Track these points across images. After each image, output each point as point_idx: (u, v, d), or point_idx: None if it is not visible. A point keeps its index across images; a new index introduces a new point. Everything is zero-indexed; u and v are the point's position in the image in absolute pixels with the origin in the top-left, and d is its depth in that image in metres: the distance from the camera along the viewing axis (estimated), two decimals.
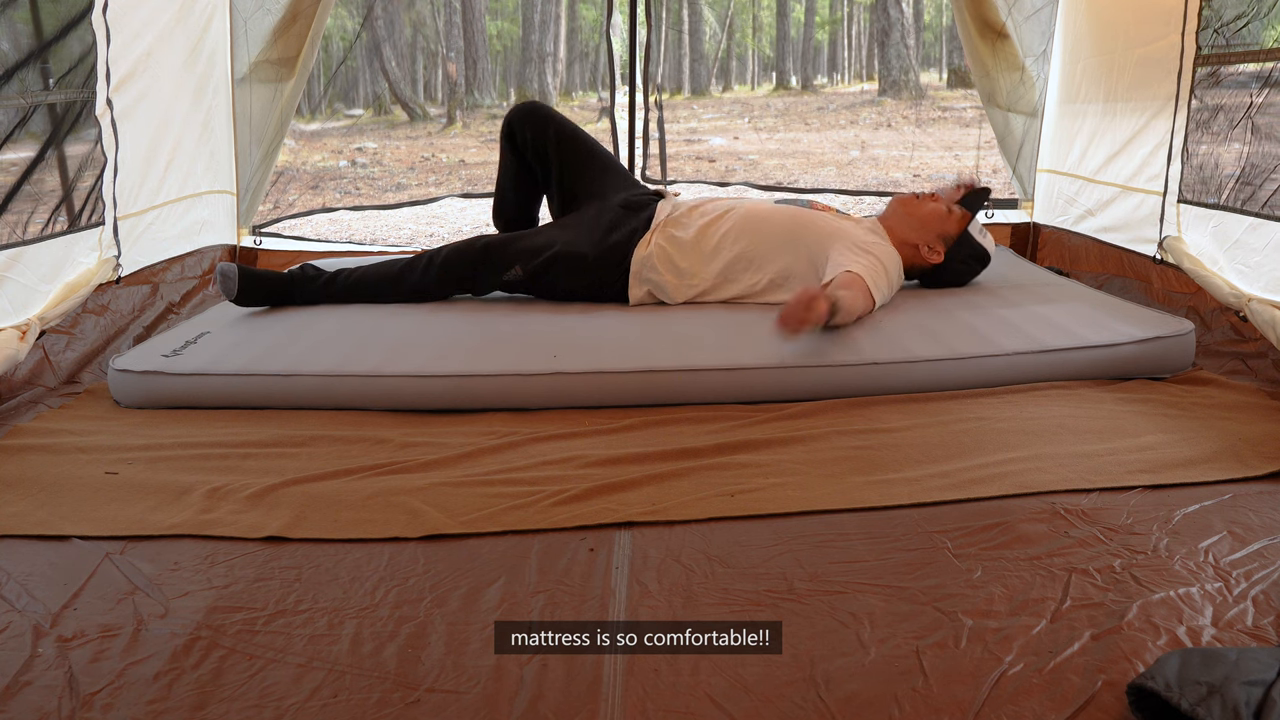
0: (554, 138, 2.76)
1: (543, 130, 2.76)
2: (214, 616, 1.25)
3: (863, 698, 1.08)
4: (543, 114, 2.80)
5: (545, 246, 2.57)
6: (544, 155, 2.77)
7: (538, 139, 2.76)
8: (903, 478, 1.65)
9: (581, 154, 2.79)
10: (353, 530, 1.49)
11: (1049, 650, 1.15)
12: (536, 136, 2.76)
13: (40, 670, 1.14)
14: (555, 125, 2.78)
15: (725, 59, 6.17)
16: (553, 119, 2.79)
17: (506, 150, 2.82)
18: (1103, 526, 1.47)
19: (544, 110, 2.83)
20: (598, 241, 2.56)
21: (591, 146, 2.84)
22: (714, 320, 2.40)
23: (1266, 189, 2.24)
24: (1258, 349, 2.21)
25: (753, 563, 1.38)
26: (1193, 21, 2.52)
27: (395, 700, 1.08)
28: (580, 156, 2.78)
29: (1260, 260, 2.24)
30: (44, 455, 1.78)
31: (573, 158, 2.77)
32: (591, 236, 2.58)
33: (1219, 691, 0.99)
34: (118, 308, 2.55)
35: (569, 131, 2.80)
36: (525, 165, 2.82)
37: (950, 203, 2.58)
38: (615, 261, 2.55)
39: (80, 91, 2.36)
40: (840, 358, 2.10)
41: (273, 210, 3.68)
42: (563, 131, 2.78)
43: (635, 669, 1.13)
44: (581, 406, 2.03)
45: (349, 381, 2.04)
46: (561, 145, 2.76)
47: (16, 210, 2.16)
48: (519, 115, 2.79)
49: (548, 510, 1.54)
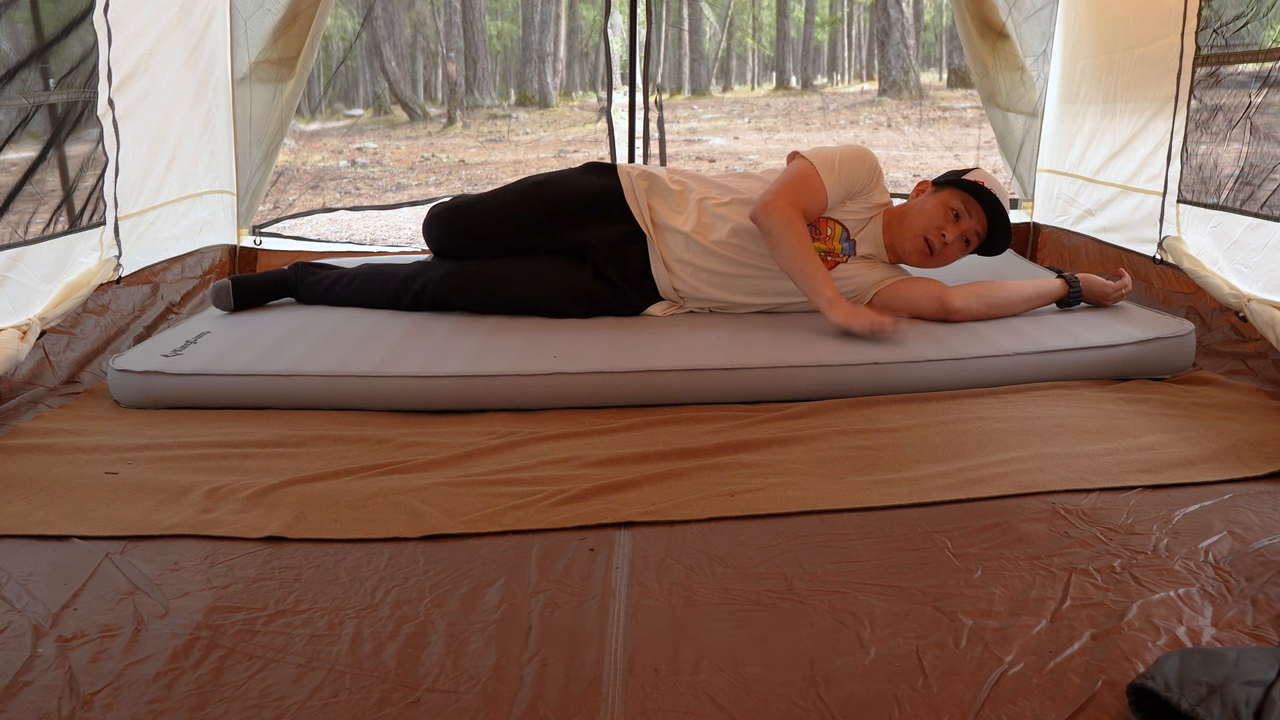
0: (485, 237, 2.51)
1: (459, 238, 2.52)
2: (214, 616, 1.25)
3: (863, 698, 1.08)
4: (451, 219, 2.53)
5: (543, 290, 2.45)
6: (482, 251, 2.52)
7: (468, 248, 2.52)
8: (903, 478, 1.65)
9: (518, 221, 2.49)
10: (353, 530, 1.49)
11: (1049, 650, 1.15)
12: (461, 247, 2.52)
13: (40, 670, 1.14)
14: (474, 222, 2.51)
15: (725, 59, 6.17)
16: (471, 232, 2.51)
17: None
18: (1103, 526, 1.47)
19: (450, 213, 2.54)
20: (591, 279, 2.45)
21: (520, 204, 2.51)
22: (714, 320, 2.41)
23: (1266, 189, 2.24)
24: (1258, 349, 2.21)
25: (753, 563, 1.38)
26: (1192, 21, 2.52)
27: (395, 700, 1.08)
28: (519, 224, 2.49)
29: (1260, 260, 2.24)
30: (44, 455, 1.78)
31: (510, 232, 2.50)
32: (586, 275, 2.45)
33: (1219, 691, 0.99)
34: (118, 308, 2.55)
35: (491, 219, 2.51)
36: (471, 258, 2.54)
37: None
38: (616, 288, 2.46)
39: (82, 92, 2.36)
40: (840, 358, 2.10)
41: (273, 210, 3.68)
42: (496, 243, 2.50)
43: (635, 669, 1.13)
44: (582, 406, 2.03)
45: (349, 382, 2.04)
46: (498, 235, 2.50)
47: (18, 210, 2.16)
48: (430, 233, 2.54)
49: (548, 510, 1.54)
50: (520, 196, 2.54)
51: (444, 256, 2.58)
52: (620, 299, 2.47)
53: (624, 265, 2.47)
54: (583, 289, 2.45)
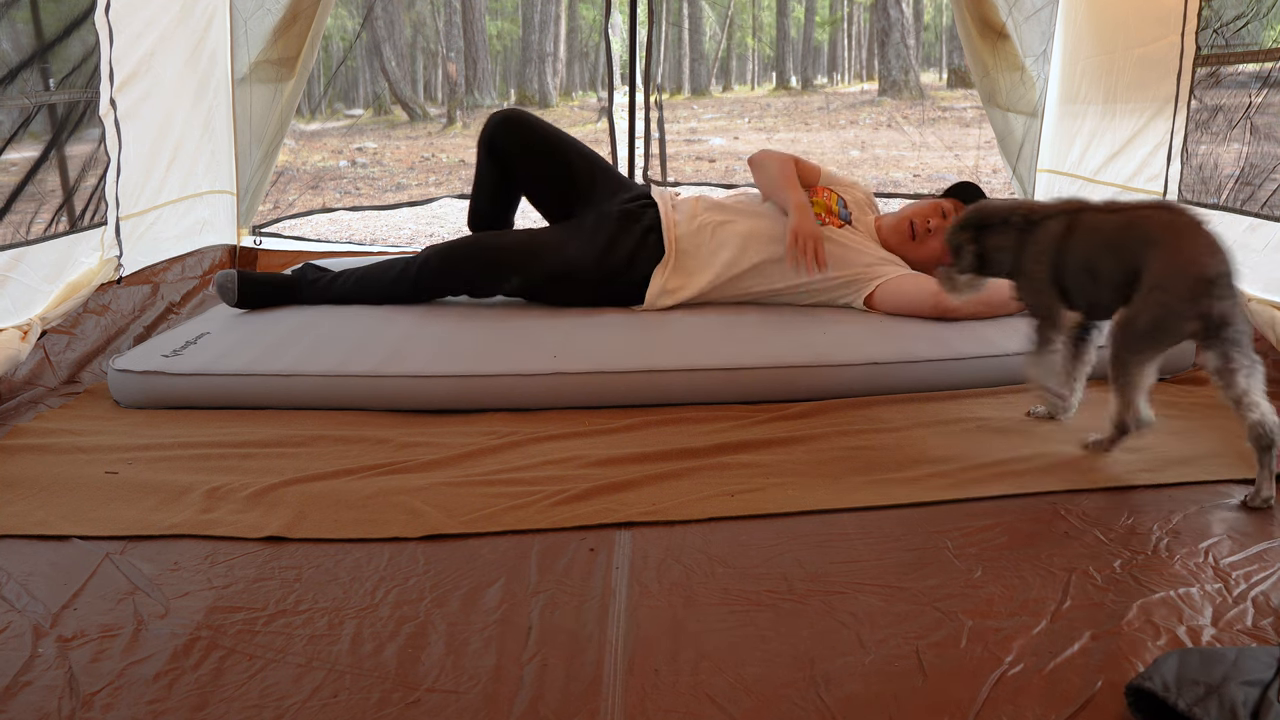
0: (540, 147, 2.70)
1: (527, 139, 2.69)
2: (214, 616, 1.25)
3: (863, 698, 1.08)
4: (526, 122, 2.73)
5: (545, 261, 2.52)
6: (530, 164, 2.70)
7: (524, 149, 2.69)
8: (903, 478, 1.65)
9: (570, 160, 2.73)
10: (353, 530, 1.49)
11: (1049, 650, 1.15)
12: (523, 146, 2.69)
13: (40, 670, 1.14)
14: (539, 133, 2.72)
15: (725, 59, 6.17)
16: (536, 126, 2.73)
17: (485, 159, 2.73)
18: (1103, 526, 1.47)
19: (526, 117, 2.76)
20: (599, 259, 2.51)
21: (579, 150, 2.78)
22: (714, 320, 2.41)
23: (1266, 189, 2.24)
24: (1258, 349, 2.20)
25: (753, 563, 1.38)
26: (1192, 21, 2.52)
27: (395, 700, 1.08)
28: (569, 162, 2.72)
29: (1260, 260, 2.24)
30: (44, 455, 1.78)
31: (562, 165, 2.71)
32: (593, 255, 2.52)
33: (1217, 692, 0.99)
34: (118, 308, 2.55)
35: (554, 139, 2.74)
36: (504, 174, 2.73)
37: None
38: (616, 276, 2.51)
39: (84, 92, 2.36)
40: (840, 358, 2.10)
41: (273, 210, 3.68)
42: (548, 139, 2.72)
43: (635, 669, 1.13)
44: (582, 406, 2.03)
45: (349, 382, 2.04)
46: (550, 153, 2.71)
47: (19, 211, 2.16)
48: (500, 124, 2.70)
49: (548, 510, 1.54)
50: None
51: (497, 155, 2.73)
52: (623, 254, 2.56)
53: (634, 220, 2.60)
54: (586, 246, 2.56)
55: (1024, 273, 1.79)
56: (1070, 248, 1.71)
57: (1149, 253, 1.60)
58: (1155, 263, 1.58)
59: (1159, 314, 1.58)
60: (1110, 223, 1.68)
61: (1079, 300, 1.75)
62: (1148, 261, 1.59)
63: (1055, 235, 1.73)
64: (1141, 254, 1.61)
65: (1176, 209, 1.67)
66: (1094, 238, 1.69)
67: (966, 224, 1.83)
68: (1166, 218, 1.63)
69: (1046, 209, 1.78)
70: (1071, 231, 1.71)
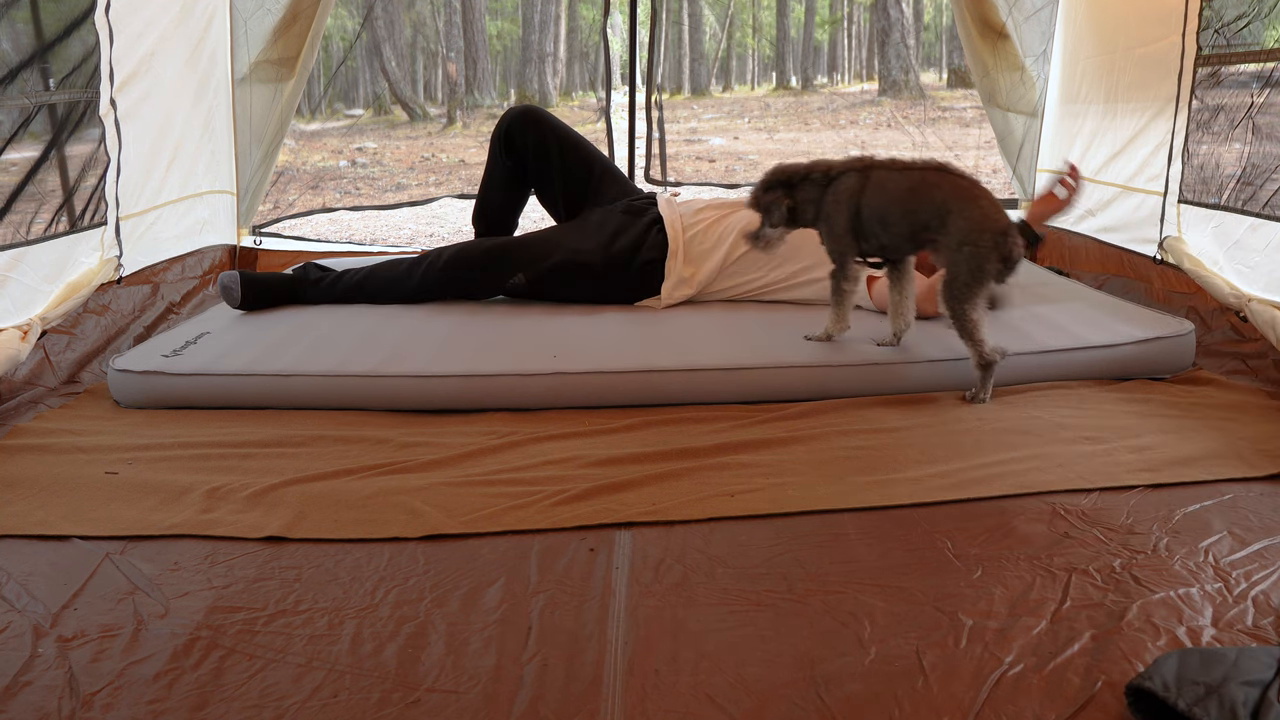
0: (556, 145, 2.75)
1: (544, 135, 2.75)
2: (214, 616, 1.25)
3: (863, 698, 1.08)
4: (543, 118, 2.78)
5: (551, 254, 2.56)
6: (545, 161, 2.76)
7: (539, 145, 2.74)
8: (903, 478, 1.65)
9: (583, 159, 2.78)
10: (353, 530, 1.49)
11: (1049, 650, 1.15)
12: (538, 142, 2.74)
13: (40, 670, 1.14)
14: (556, 132, 2.77)
15: (725, 58, 6.17)
16: (553, 125, 2.78)
17: (499, 154, 2.79)
18: (1103, 526, 1.47)
19: (543, 115, 2.81)
20: (604, 249, 2.55)
21: (591, 150, 2.84)
22: (714, 320, 2.41)
23: (1267, 189, 2.24)
24: (1258, 349, 2.21)
25: (753, 563, 1.38)
26: (1193, 22, 2.52)
27: (395, 700, 1.08)
28: (583, 162, 2.78)
29: (1260, 260, 2.24)
30: (44, 455, 1.78)
31: (575, 164, 2.76)
32: (598, 244, 2.57)
33: (1217, 692, 0.99)
34: (118, 308, 2.55)
35: (571, 138, 2.79)
36: (516, 170, 2.79)
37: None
38: (621, 268, 2.54)
39: (84, 92, 2.36)
40: (840, 358, 2.10)
41: (273, 210, 3.68)
42: (565, 138, 2.78)
43: (635, 669, 1.13)
44: (581, 406, 2.03)
45: (349, 382, 2.04)
46: (564, 152, 2.76)
47: (19, 211, 2.16)
48: (518, 119, 2.75)
49: (548, 510, 1.54)
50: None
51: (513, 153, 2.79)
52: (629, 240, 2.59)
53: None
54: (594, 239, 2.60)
55: (826, 220, 2.08)
56: (865, 200, 2.02)
57: (947, 214, 1.92)
58: (958, 222, 1.91)
59: (974, 264, 1.90)
60: (897, 181, 2.01)
61: (873, 243, 2.07)
62: (947, 223, 1.92)
63: (851, 189, 2.04)
64: (934, 215, 1.94)
65: (954, 170, 1.99)
66: (884, 194, 2.01)
67: (775, 184, 2.11)
68: (953, 181, 1.96)
69: (841, 165, 2.08)
70: (864, 186, 2.03)
